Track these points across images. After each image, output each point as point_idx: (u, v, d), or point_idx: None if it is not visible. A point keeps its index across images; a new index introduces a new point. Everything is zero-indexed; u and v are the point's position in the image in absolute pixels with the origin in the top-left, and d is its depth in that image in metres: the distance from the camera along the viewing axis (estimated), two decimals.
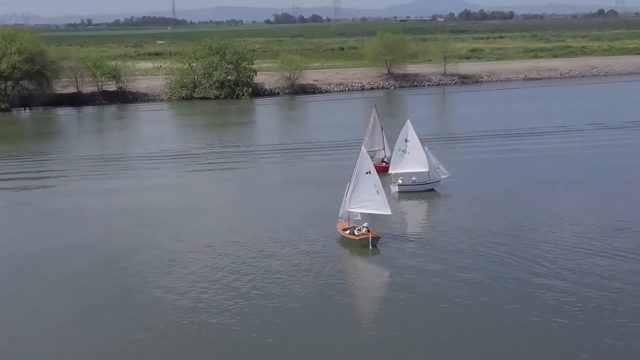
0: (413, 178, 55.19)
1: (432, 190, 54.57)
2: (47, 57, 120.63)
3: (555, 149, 70.66)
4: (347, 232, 43.08)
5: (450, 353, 30.43)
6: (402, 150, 55.05)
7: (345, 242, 42.69)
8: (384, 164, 62.46)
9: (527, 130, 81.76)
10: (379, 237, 42.31)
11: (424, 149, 54.38)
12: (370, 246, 41.73)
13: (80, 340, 32.32)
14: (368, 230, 42.59)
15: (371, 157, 61.99)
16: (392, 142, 64.85)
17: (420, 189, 54.62)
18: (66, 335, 33.03)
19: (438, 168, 54.81)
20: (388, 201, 43.63)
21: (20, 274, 40.04)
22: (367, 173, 43.53)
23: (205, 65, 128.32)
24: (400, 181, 54.82)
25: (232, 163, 68.58)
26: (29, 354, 31.57)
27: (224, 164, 68.31)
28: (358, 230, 42.79)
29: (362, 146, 45.17)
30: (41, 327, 33.84)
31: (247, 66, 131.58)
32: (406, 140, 54.93)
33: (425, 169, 54.60)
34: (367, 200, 43.41)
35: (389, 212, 43.30)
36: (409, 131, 54.87)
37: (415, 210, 52.57)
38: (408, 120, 55.41)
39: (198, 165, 67.53)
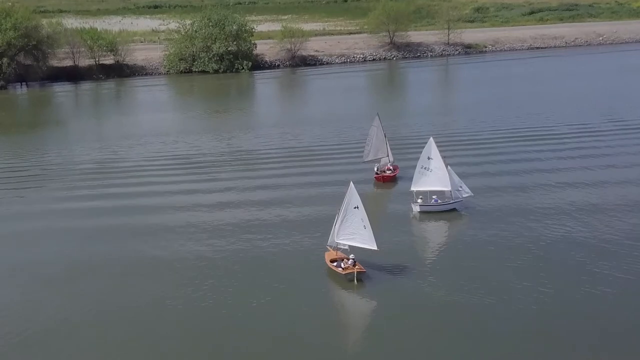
0: (434, 197, 54.44)
1: (453, 209, 53.76)
2: (43, 31, 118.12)
3: (579, 156, 66.27)
4: (334, 264, 43.55)
5: None
6: (425, 168, 54.20)
7: (331, 273, 43.08)
8: (389, 172, 61.62)
9: (544, 130, 76.65)
10: (364, 272, 42.64)
11: (446, 167, 53.58)
12: (355, 281, 42.10)
13: None
14: (355, 263, 42.90)
15: (376, 165, 61.89)
16: (394, 145, 64.23)
17: (441, 209, 53.96)
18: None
19: (460, 187, 53.98)
20: (374, 236, 43.21)
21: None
22: (355, 208, 43.89)
23: (204, 37, 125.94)
24: (420, 200, 54.08)
25: (224, 171, 64.98)
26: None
27: (215, 172, 64.85)
28: (345, 262, 43.16)
29: (351, 182, 44.69)
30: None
31: (247, 38, 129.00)
32: (429, 158, 54.09)
33: (447, 188, 53.78)
34: (354, 233, 43.88)
35: (374, 247, 43.33)
36: (432, 149, 54.07)
37: (425, 236, 51.52)
38: (431, 138, 54.42)
39: (190, 174, 64.33)
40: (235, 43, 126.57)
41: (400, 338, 35.86)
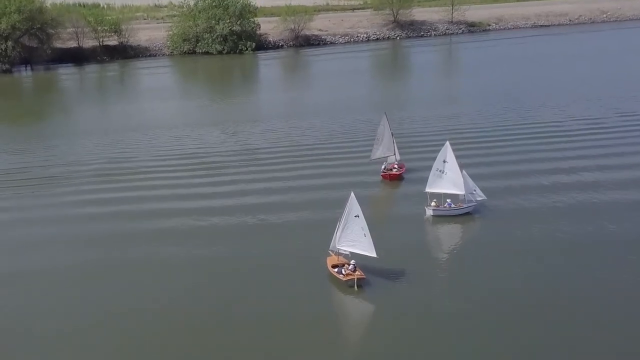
0: (448, 200, 55.37)
1: (467, 214, 54.12)
2: (47, 14, 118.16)
3: (594, 156, 63.33)
4: (336, 270, 44.83)
5: None
6: (440, 171, 55.38)
7: (333, 279, 44.01)
8: (395, 169, 62.18)
9: (556, 125, 73.49)
10: (364, 278, 43.86)
11: (461, 171, 54.47)
12: (356, 287, 43.34)
13: None
14: (355, 269, 44.21)
15: (383, 164, 62.51)
16: (401, 142, 63.62)
17: (455, 213, 54.78)
18: None
19: (474, 190, 54.74)
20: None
21: None
22: (355, 216, 45.16)
23: (208, 17, 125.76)
24: (433, 204, 55.01)
25: (227, 171, 63.76)
26: None
27: (217, 172, 63.00)
28: (345, 268, 44.48)
29: (352, 192, 45.60)
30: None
31: (251, 17, 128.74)
32: (444, 161, 55.17)
33: (461, 192, 54.62)
34: (355, 241, 45.27)
35: (374, 255, 44.50)
36: (448, 152, 55.17)
37: (431, 241, 51.54)
38: (447, 142, 55.03)
39: (192, 175, 62.76)
40: (239, 23, 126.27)
41: (397, 344, 36.03)
